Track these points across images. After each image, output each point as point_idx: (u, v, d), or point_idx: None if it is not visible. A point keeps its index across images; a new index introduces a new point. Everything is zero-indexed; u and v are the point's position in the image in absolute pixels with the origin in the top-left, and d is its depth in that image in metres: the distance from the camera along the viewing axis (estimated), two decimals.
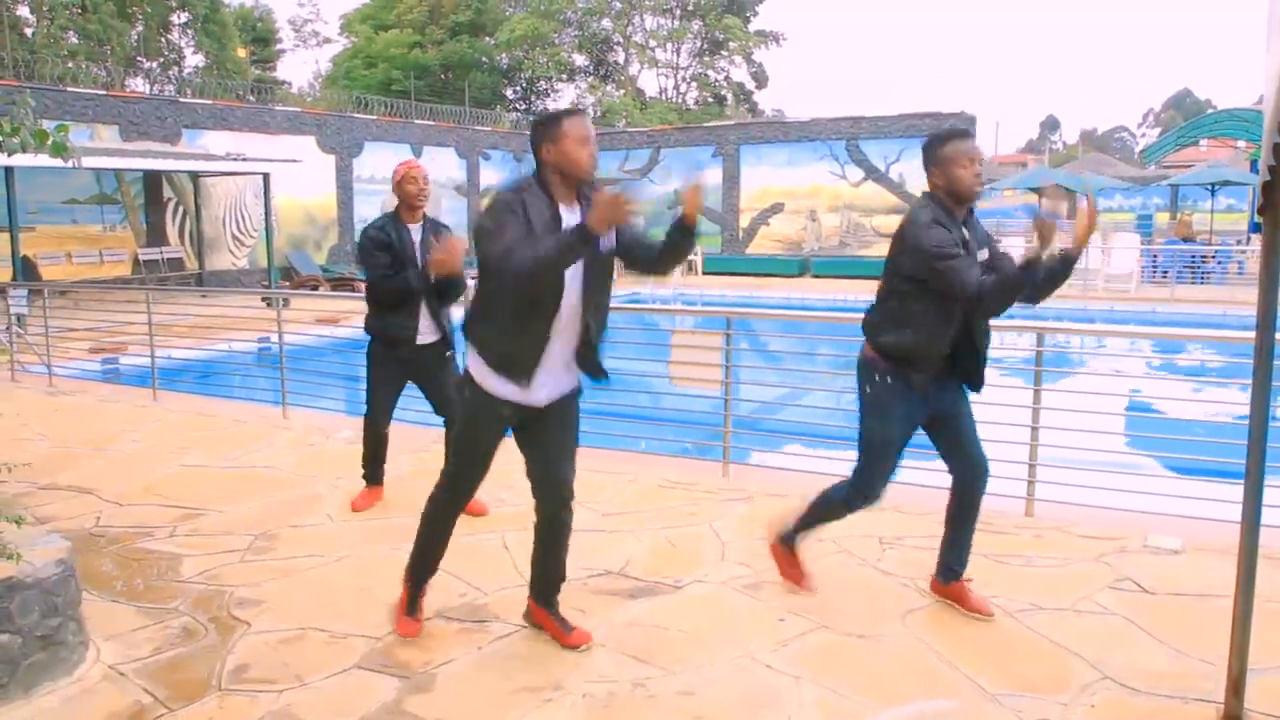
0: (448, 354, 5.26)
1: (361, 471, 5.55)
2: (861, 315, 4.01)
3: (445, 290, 5.13)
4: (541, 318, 3.34)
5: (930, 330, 3.73)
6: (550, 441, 3.58)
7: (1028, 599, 4.07)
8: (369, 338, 5.30)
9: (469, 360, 3.51)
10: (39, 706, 3.26)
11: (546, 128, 3.32)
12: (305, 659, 3.61)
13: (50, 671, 3.37)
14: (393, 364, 5.27)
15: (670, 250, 3.47)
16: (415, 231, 5.08)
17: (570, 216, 3.33)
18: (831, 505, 4.12)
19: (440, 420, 5.38)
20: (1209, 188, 25.71)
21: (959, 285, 3.54)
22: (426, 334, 5.18)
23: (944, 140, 3.76)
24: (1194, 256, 20.68)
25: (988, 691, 3.33)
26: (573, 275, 3.33)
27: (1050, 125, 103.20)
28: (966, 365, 3.90)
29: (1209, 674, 3.39)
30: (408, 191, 5.07)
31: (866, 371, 3.91)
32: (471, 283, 3.70)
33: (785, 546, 4.25)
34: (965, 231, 3.73)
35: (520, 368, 3.39)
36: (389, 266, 5.02)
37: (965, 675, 3.44)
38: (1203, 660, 3.51)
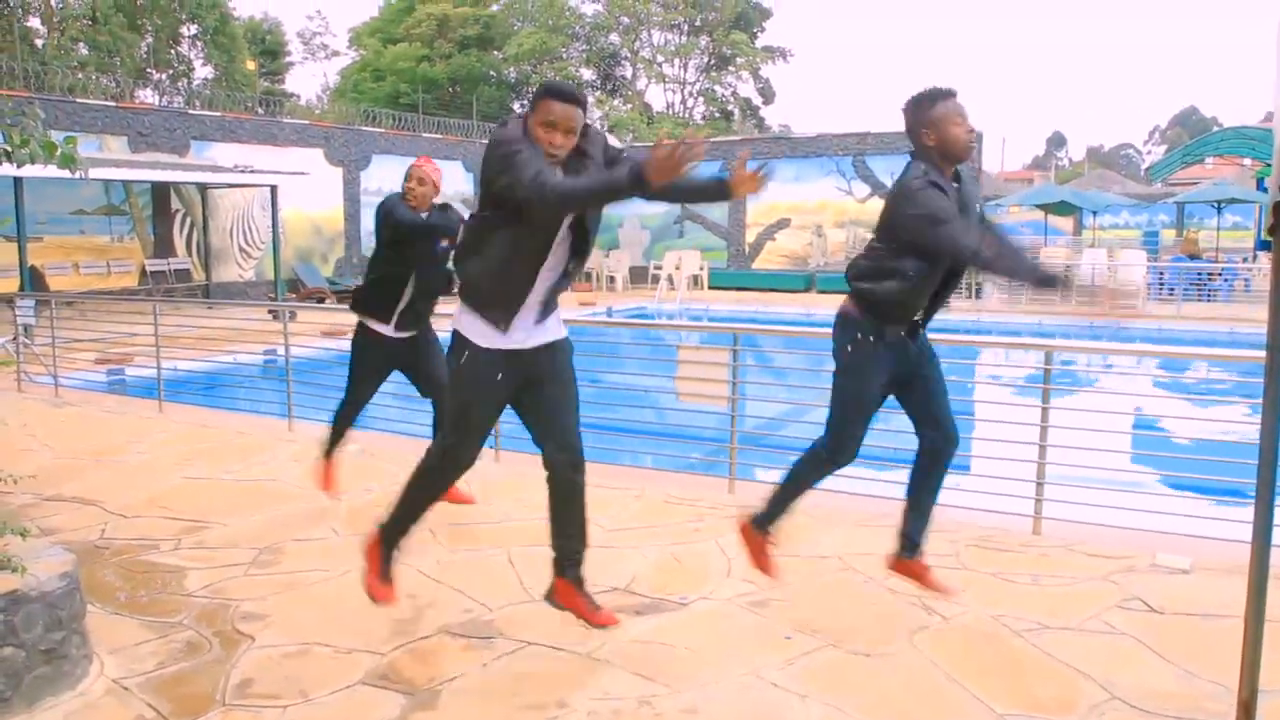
0: (430, 338, 5.39)
1: (326, 449, 5.62)
2: None
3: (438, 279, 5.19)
4: (535, 253, 3.35)
5: (914, 284, 3.72)
6: (548, 398, 3.55)
7: (1035, 618, 4.04)
8: (357, 326, 5.38)
9: (456, 319, 3.50)
10: None
11: (531, 103, 3.38)
12: (310, 674, 3.59)
13: (53, 685, 3.36)
14: (379, 351, 5.34)
15: (695, 190, 3.41)
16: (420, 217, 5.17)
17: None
18: (802, 475, 4.08)
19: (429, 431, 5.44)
20: (1215, 205, 25.66)
21: (958, 249, 3.55)
22: (405, 329, 5.27)
23: (933, 100, 3.70)
24: (1200, 274, 20.64)
25: (996, 711, 3.31)
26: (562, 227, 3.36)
27: (1056, 142, 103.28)
28: (929, 313, 3.91)
29: (1219, 695, 3.37)
30: (415, 186, 5.13)
31: (847, 329, 3.88)
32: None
33: (757, 529, 4.19)
34: (957, 191, 3.71)
35: (504, 305, 3.39)
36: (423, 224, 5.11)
37: (973, 695, 3.42)
38: (1212, 681, 3.48)
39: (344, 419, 5.58)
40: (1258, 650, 2.98)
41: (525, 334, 3.47)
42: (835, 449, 3.96)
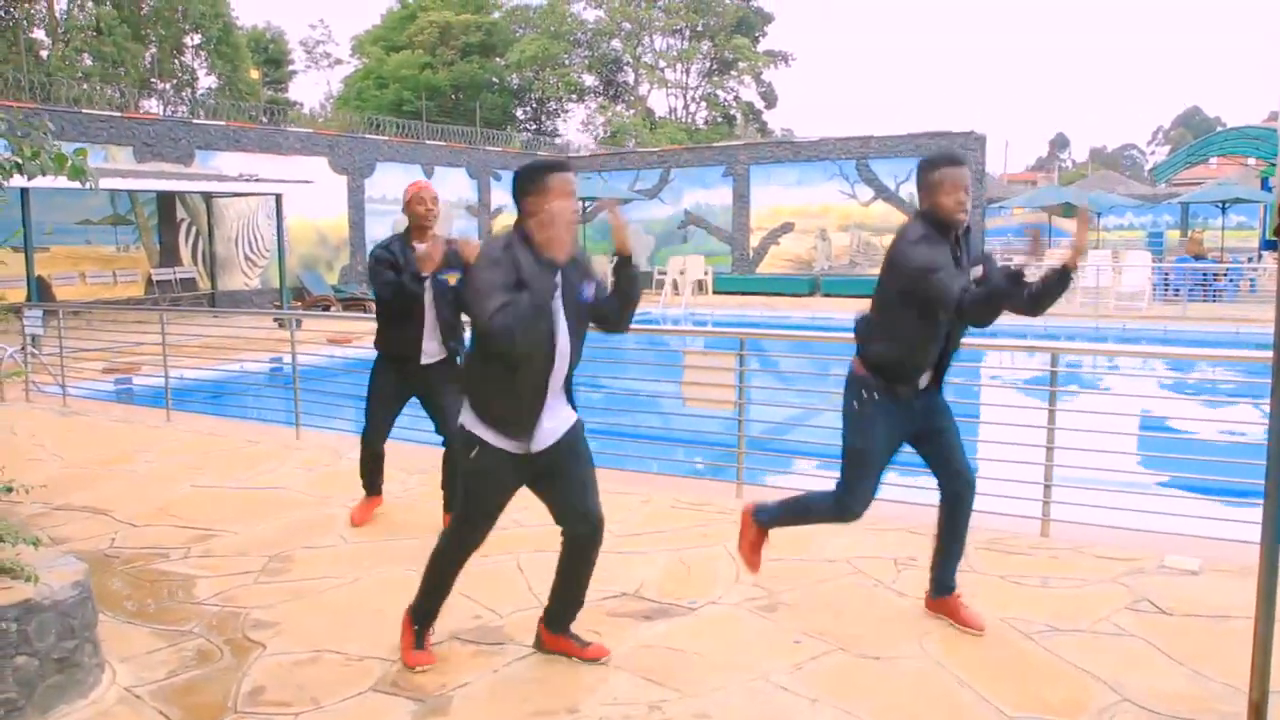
0: (447, 371, 5.31)
1: (361, 482, 5.63)
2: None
3: (455, 302, 5.14)
4: (539, 373, 3.38)
5: (917, 342, 3.81)
6: (566, 481, 3.60)
7: (1044, 620, 4.04)
8: (376, 355, 5.38)
9: (466, 418, 3.52)
10: None
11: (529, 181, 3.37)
12: (321, 681, 3.60)
13: (66, 694, 3.37)
14: (396, 382, 5.32)
15: (622, 295, 3.56)
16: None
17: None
18: (812, 512, 4.18)
19: (440, 440, 5.41)
20: (1220, 205, 25.65)
21: (941, 298, 3.60)
22: (432, 354, 5.22)
23: (934, 165, 3.81)
24: (1206, 274, 20.62)
25: (1006, 714, 3.31)
26: (560, 327, 3.39)
27: (1060, 143, 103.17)
28: (940, 370, 3.97)
29: (1229, 696, 3.37)
30: (416, 212, 5.14)
31: (854, 388, 3.97)
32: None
33: (758, 523, 4.28)
34: (956, 249, 3.79)
35: (520, 426, 3.42)
36: (395, 283, 5.08)
37: (983, 697, 3.42)
38: (1223, 683, 3.48)
39: (369, 455, 5.53)
40: (1268, 651, 2.98)
41: (538, 439, 3.47)
42: (848, 503, 4.02)
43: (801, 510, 4.21)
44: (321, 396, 8.87)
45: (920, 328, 3.77)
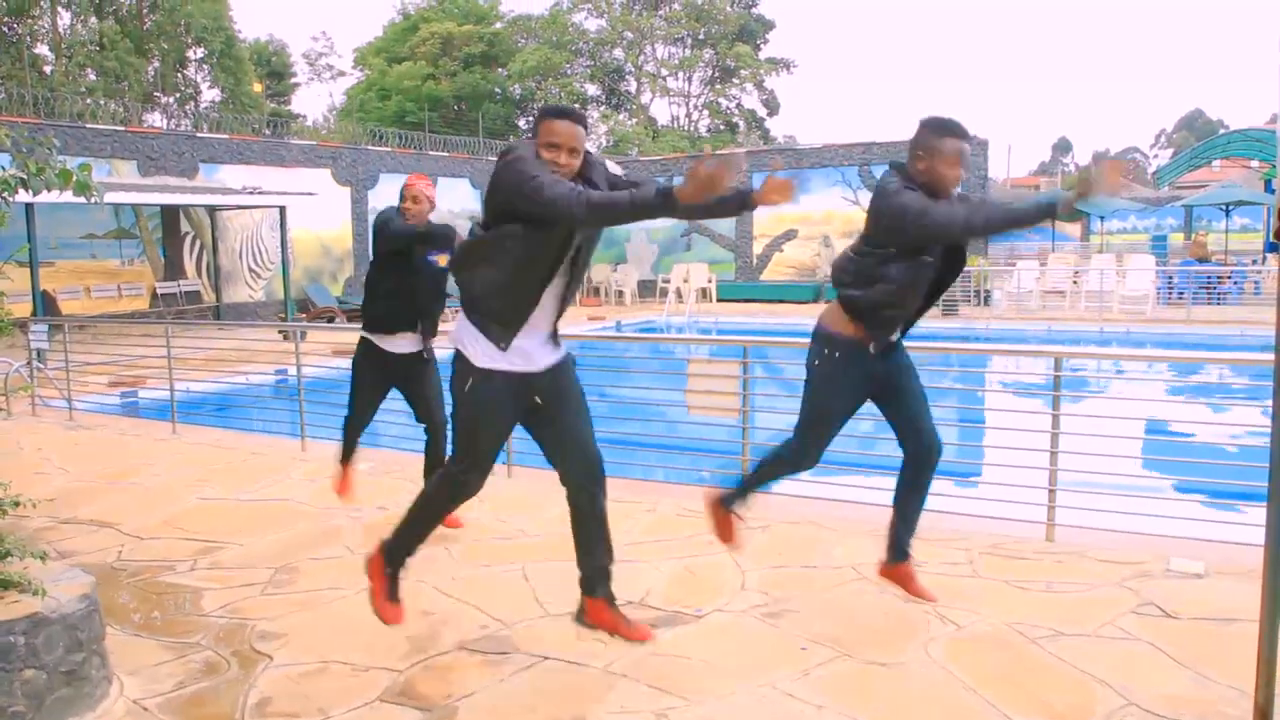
0: (426, 359, 5.43)
1: (340, 457, 5.73)
2: None
3: (438, 289, 5.23)
4: (545, 270, 3.35)
5: (901, 288, 3.78)
6: (560, 419, 3.56)
7: (1050, 625, 4.04)
8: (358, 341, 5.46)
9: (456, 338, 3.48)
10: None
11: (534, 123, 3.41)
12: (328, 692, 3.61)
13: (74, 706, 3.38)
14: (377, 369, 5.41)
15: (720, 204, 3.33)
16: None
17: None
18: (765, 471, 4.20)
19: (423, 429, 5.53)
20: (1223, 208, 25.64)
21: (944, 230, 3.61)
22: (408, 344, 5.32)
23: (946, 132, 3.73)
24: (1210, 277, 20.60)
25: (1011, 719, 3.31)
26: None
27: (1062, 147, 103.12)
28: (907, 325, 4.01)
29: (1234, 700, 3.37)
30: (407, 208, 5.22)
31: (820, 344, 3.96)
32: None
33: (723, 507, 4.30)
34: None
35: (508, 322, 3.38)
36: (408, 232, 5.18)
37: (989, 703, 3.42)
38: (1229, 686, 3.48)
39: (351, 431, 5.67)
40: (1273, 654, 2.99)
41: (529, 357, 3.46)
42: (799, 454, 4.07)
43: (755, 476, 4.22)
44: (327, 408, 8.86)
45: (905, 273, 3.74)
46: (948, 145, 3.71)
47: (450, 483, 3.62)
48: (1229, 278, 20.87)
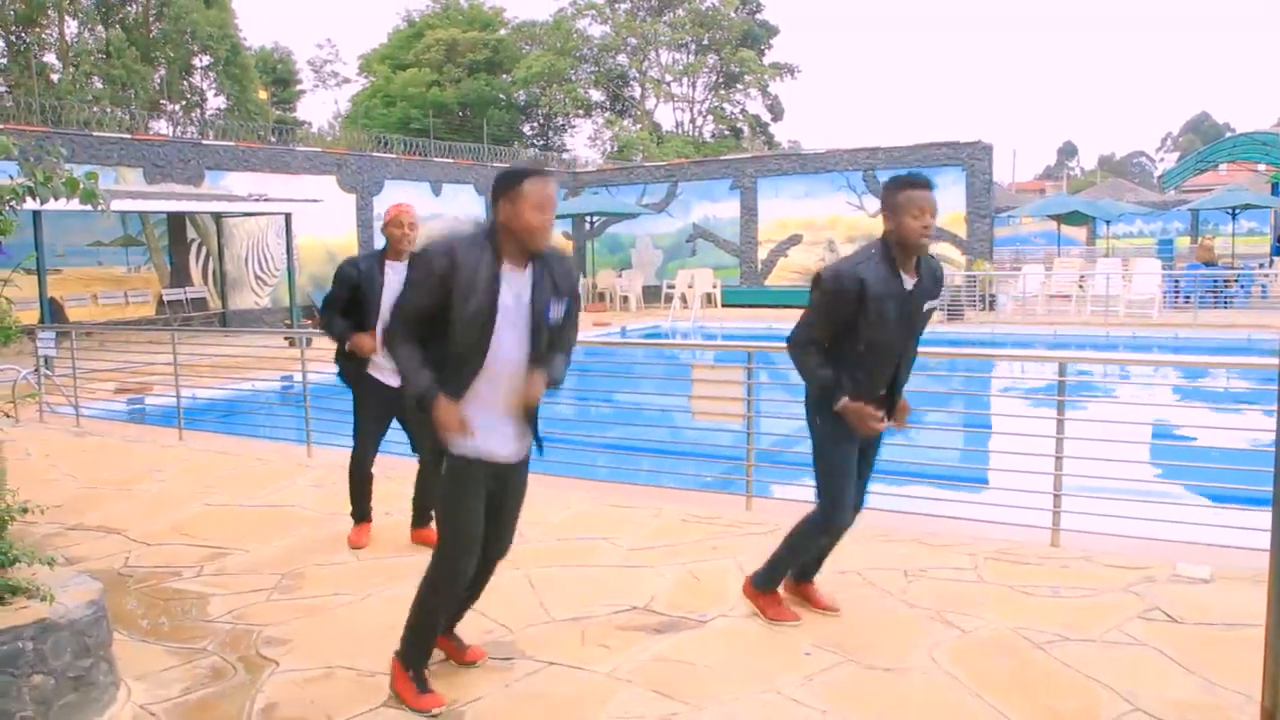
0: None
1: (350, 510, 5.60)
2: None
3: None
4: (465, 366, 3.34)
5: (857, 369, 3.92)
6: (507, 511, 3.64)
7: (1055, 630, 4.04)
8: (358, 375, 5.40)
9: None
10: None
11: (505, 185, 3.29)
12: (333, 698, 3.62)
13: (82, 712, 3.39)
14: (375, 401, 5.35)
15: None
16: (399, 269, 5.13)
17: (515, 279, 3.33)
18: (799, 544, 4.18)
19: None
20: (1230, 211, 25.60)
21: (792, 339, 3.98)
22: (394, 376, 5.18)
23: (900, 186, 3.84)
24: (1216, 281, 20.56)
25: None
26: (511, 338, 3.35)
27: (1068, 151, 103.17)
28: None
29: (1241, 705, 3.37)
30: (393, 234, 5.22)
31: (819, 404, 3.97)
32: None
33: (761, 589, 4.28)
34: (905, 280, 3.84)
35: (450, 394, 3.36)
36: (345, 304, 5.21)
37: (994, 708, 3.42)
38: (1235, 691, 3.47)
39: (357, 471, 5.55)
40: None
41: (504, 448, 3.48)
42: (830, 510, 4.06)
43: (788, 550, 4.20)
44: (332, 414, 8.89)
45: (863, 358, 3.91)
46: (902, 198, 3.81)
47: (445, 570, 3.54)
48: (1235, 281, 20.82)
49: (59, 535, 5.81)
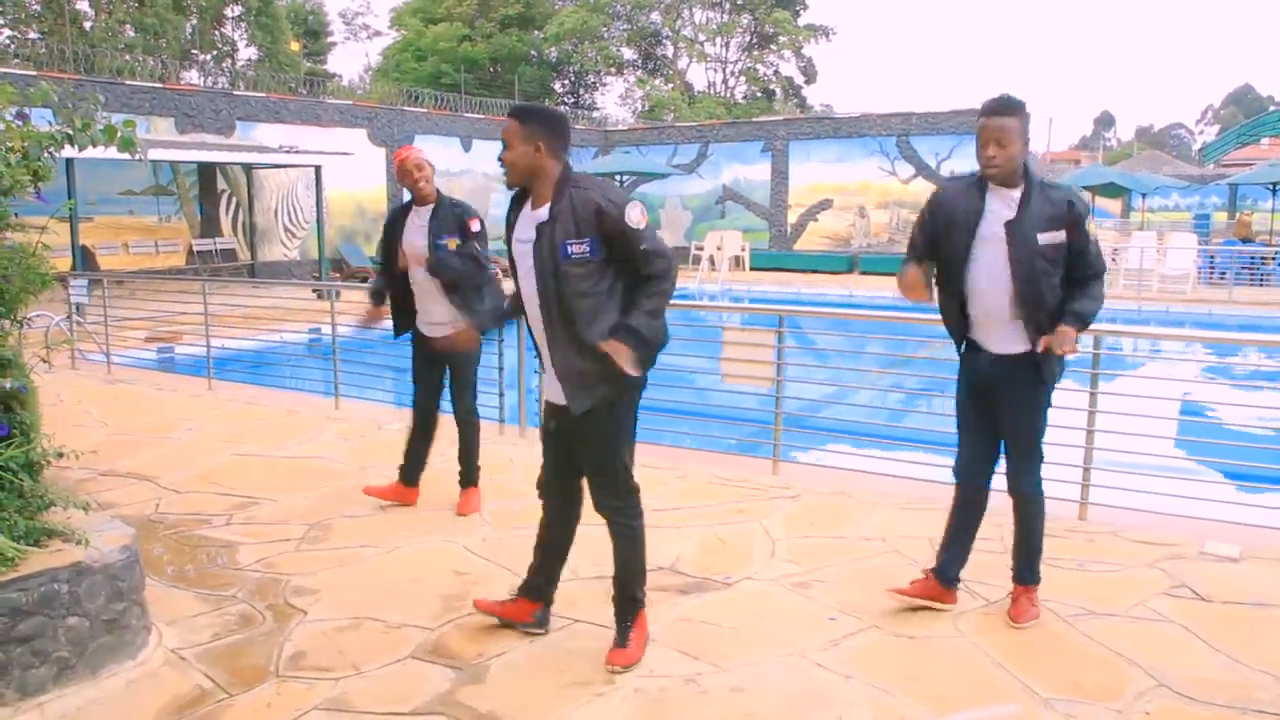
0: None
1: (401, 463, 5.45)
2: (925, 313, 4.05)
3: (457, 266, 5.11)
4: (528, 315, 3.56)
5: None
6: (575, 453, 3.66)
7: (1081, 604, 4.03)
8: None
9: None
10: (105, 688, 3.35)
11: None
12: (361, 648, 3.66)
13: (115, 654, 3.45)
14: (419, 354, 5.36)
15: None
16: (423, 215, 5.11)
17: (535, 212, 3.50)
18: (1037, 528, 4.01)
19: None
20: (1270, 187, 25.13)
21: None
22: (442, 322, 5.12)
23: (982, 112, 3.76)
24: (1253, 257, 20.24)
25: (1041, 696, 3.31)
26: (526, 281, 3.47)
27: (1105, 122, 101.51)
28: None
29: (1266, 685, 3.35)
30: (404, 183, 5.20)
31: (1053, 363, 3.80)
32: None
33: (1034, 585, 4.01)
34: (999, 205, 3.73)
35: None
36: (385, 253, 5.33)
37: (1017, 679, 3.42)
38: (1261, 670, 3.46)
39: (416, 411, 5.46)
40: None
41: (558, 394, 3.52)
42: (1040, 461, 4.01)
43: (1040, 534, 4.01)
44: (360, 367, 8.95)
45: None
46: (980, 123, 3.75)
47: (635, 500, 3.68)
48: (1273, 258, 20.49)
49: (91, 480, 5.89)
